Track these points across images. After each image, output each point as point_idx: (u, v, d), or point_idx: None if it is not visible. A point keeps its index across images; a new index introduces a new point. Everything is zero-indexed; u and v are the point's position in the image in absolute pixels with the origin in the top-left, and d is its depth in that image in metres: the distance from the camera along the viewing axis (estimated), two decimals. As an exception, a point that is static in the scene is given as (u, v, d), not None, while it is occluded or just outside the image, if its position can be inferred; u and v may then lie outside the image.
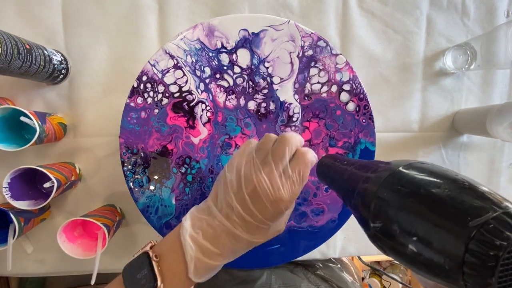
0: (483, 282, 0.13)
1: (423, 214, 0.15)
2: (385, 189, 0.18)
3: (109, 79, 0.48)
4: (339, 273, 0.54)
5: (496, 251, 0.12)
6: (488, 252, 0.12)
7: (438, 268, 0.14)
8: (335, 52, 0.39)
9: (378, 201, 0.18)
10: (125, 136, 0.39)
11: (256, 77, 0.39)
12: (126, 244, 0.52)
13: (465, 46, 0.50)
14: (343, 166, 0.25)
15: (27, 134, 0.44)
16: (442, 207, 0.15)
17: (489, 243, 0.12)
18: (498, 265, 0.12)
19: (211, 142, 0.40)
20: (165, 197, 0.40)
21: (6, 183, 0.40)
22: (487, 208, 0.13)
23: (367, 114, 0.40)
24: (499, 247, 0.12)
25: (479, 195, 0.14)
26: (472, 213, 0.13)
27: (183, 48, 0.38)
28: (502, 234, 0.12)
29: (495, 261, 0.12)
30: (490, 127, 0.44)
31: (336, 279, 0.51)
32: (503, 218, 0.13)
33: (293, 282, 0.47)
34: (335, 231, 0.42)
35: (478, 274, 0.13)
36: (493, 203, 0.14)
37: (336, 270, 0.54)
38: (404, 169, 0.18)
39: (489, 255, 0.12)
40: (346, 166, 0.25)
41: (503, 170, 0.56)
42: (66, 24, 0.47)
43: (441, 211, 0.15)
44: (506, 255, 0.12)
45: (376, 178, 0.19)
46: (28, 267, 0.51)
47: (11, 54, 0.35)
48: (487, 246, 0.12)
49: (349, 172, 0.24)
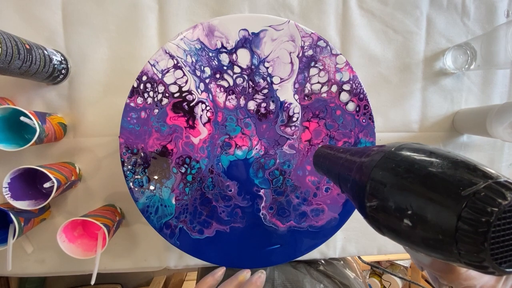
0: (475, 248, 0.13)
1: (417, 189, 0.16)
2: (379, 170, 0.18)
3: (109, 79, 0.48)
4: (341, 269, 0.54)
5: (487, 217, 0.13)
6: (480, 218, 0.13)
7: (433, 240, 0.15)
8: (335, 52, 0.39)
9: (373, 182, 0.19)
10: (125, 136, 0.39)
11: (256, 77, 0.39)
12: (126, 244, 0.52)
13: (465, 46, 0.50)
14: (338, 154, 0.26)
15: (27, 134, 0.44)
16: (435, 180, 0.15)
17: (481, 209, 0.13)
18: (489, 231, 0.13)
19: (211, 142, 0.40)
20: (165, 197, 0.40)
21: (6, 183, 0.40)
22: (478, 179, 0.14)
23: (367, 114, 0.40)
24: (490, 213, 0.13)
25: (471, 168, 0.15)
26: (464, 183, 0.14)
27: (183, 48, 0.38)
28: (494, 201, 0.13)
29: (486, 226, 0.13)
30: (490, 127, 0.44)
31: (338, 275, 0.51)
32: (494, 187, 0.13)
33: (296, 277, 0.47)
34: (335, 231, 0.42)
35: (470, 240, 0.13)
36: (484, 174, 0.14)
37: (338, 267, 0.54)
38: (397, 150, 0.19)
39: (481, 221, 0.13)
40: (341, 154, 0.25)
41: (503, 170, 0.56)
42: (66, 24, 0.47)
43: (434, 184, 0.15)
44: (497, 221, 0.13)
45: (370, 161, 0.20)
46: (28, 267, 0.51)
47: (11, 54, 0.35)
48: (478, 213, 0.13)
49: (344, 159, 0.24)
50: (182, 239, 0.40)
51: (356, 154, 0.23)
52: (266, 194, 0.41)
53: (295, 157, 0.41)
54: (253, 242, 0.41)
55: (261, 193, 0.41)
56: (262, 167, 0.41)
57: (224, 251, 0.41)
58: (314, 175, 0.41)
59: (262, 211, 0.41)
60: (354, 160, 0.22)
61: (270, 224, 0.41)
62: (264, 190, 0.41)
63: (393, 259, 1.24)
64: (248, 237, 0.41)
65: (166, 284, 1.26)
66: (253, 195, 0.41)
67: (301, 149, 0.41)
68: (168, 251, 0.52)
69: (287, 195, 0.41)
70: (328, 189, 0.41)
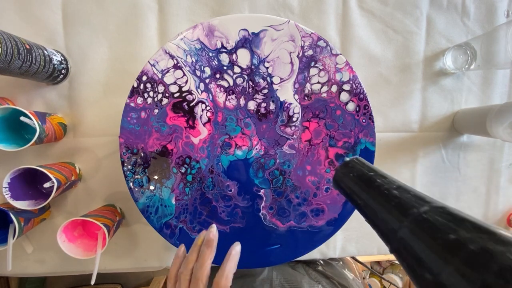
0: None
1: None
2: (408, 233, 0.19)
3: (109, 79, 0.48)
4: (340, 270, 0.54)
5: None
6: None
7: None
8: (335, 52, 0.39)
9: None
10: (125, 136, 0.39)
11: (256, 77, 0.39)
12: (126, 244, 0.52)
13: (465, 46, 0.50)
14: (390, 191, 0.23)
15: (27, 134, 0.44)
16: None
17: None
18: None
19: (211, 142, 0.40)
20: (165, 197, 0.40)
21: (6, 183, 0.40)
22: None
23: (367, 114, 0.40)
24: None
25: None
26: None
27: (183, 48, 0.38)
28: None
29: None
30: (490, 127, 0.44)
31: (337, 276, 0.51)
32: None
33: (294, 278, 0.47)
34: (335, 231, 0.42)
35: None
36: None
37: (337, 267, 0.54)
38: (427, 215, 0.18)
39: None
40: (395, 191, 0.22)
41: (503, 170, 0.56)
42: (66, 24, 0.47)
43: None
44: None
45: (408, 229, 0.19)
46: (28, 267, 0.51)
47: (11, 54, 0.35)
48: None
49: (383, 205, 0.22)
50: (182, 239, 0.40)
51: (399, 208, 0.21)
52: (266, 194, 0.41)
53: (295, 157, 0.41)
54: (253, 242, 0.41)
55: (261, 193, 0.41)
56: (262, 167, 0.41)
57: (224, 251, 0.41)
58: (314, 175, 0.41)
59: (262, 211, 0.41)
60: (397, 215, 0.21)
61: (270, 224, 0.41)
62: (264, 190, 0.41)
63: (393, 259, 1.24)
64: (248, 237, 0.41)
65: (166, 284, 1.25)
66: (253, 195, 0.41)
67: (301, 149, 0.41)
68: (168, 251, 0.52)
69: (287, 195, 0.41)
70: (328, 189, 0.41)
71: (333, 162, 0.41)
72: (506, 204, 0.57)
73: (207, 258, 0.31)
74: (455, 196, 0.55)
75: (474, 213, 0.57)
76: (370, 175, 0.24)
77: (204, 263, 0.30)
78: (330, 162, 0.41)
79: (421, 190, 0.21)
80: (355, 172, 0.25)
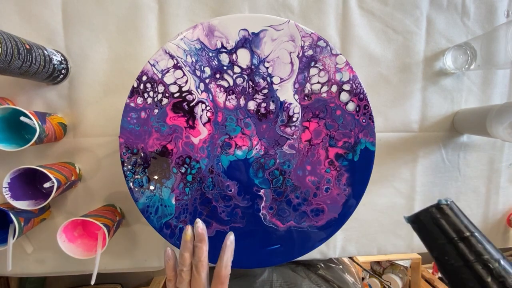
0: None
1: None
2: None
3: (109, 79, 0.48)
4: (340, 274, 0.54)
5: None
6: None
7: None
8: (335, 52, 0.39)
9: None
10: (125, 136, 0.39)
11: (256, 77, 0.39)
12: (126, 244, 0.52)
13: (465, 46, 0.50)
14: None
15: (27, 134, 0.44)
16: None
17: None
18: None
19: (211, 142, 0.40)
20: (165, 197, 0.40)
21: (6, 183, 0.40)
22: None
23: (367, 114, 0.40)
24: None
25: None
26: None
27: (183, 48, 0.38)
28: None
29: None
30: (490, 127, 0.44)
31: (337, 280, 0.51)
32: None
33: (294, 280, 0.47)
34: (335, 231, 0.42)
35: None
36: None
37: (337, 271, 0.54)
38: None
39: None
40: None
41: (503, 170, 0.56)
42: (66, 24, 0.47)
43: None
44: None
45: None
46: (28, 267, 0.51)
47: (11, 54, 0.35)
48: None
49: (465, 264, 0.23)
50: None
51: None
52: (266, 194, 0.41)
53: (295, 157, 0.41)
54: (253, 242, 0.41)
55: (261, 193, 0.41)
56: (262, 167, 0.41)
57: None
58: (314, 175, 0.41)
59: (262, 211, 0.41)
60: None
61: (270, 224, 0.41)
62: (264, 190, 0.41)
63: (393, 259, 1.24)
64: (248, 237, 0.41)
65: (166, 284, 1.25)
66: (253, 195, 0.41)
67: (301, 149, 0.41)
68: (168, 251, 0.52)
69: (287, 195, 0.41)
70: (328, 189, 0.41)
71: (333, 162, 0.41)
72: (506, 204, 0.57)
73: (204, 251, 0.32)
74: (455, 196, 0.56)
75: (474, 213, 0.57)
76: (466, 235, 0.24)
77: (202, 256, 0.32)
78: (330, 162, 0.41)
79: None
80: (450, 224, 0.25)
